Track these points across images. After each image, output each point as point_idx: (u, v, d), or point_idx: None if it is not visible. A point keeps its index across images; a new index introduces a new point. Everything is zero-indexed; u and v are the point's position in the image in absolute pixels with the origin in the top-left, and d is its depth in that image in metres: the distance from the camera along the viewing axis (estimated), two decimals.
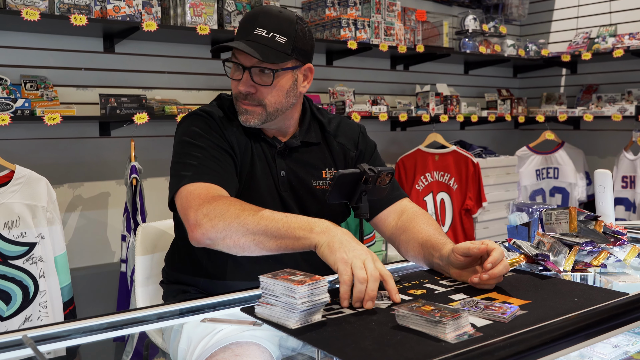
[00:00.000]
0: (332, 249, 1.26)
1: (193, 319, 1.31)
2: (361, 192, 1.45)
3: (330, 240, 1.27)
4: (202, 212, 1.40)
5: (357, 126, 1.83)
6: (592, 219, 1.64)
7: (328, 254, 1.26)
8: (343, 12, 3.56)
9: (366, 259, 1.23)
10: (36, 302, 2.49)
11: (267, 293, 1.17)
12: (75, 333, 1.13)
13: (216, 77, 3.38)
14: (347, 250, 1.24)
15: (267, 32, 1.55)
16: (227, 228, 1.37)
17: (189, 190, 1.48)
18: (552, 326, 1.11)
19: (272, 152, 1.66)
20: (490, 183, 4.05)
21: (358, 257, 1.23)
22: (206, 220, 1.39)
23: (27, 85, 2.69)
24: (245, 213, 1.37)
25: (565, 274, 1.50)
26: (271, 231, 1.34)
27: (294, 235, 1.32)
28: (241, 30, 1.59)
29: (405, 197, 1.74)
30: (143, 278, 1.92)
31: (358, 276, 1.20)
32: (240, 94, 1.59)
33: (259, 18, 1.57)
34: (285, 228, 1.33)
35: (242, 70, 1.57)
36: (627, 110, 4.00)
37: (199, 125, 1.61)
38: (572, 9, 4.67)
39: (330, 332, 1.09)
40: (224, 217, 1.38)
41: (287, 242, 1.33)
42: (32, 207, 2.49)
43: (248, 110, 1.59)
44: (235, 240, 1.37)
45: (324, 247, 1.28)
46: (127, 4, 2.72)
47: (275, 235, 1.34)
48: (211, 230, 1.38)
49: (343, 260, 1.23)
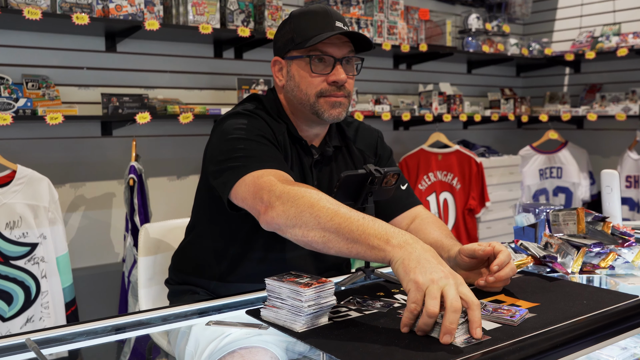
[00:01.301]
0: (407, 268, 1.08)
1: (199, 321, 1.29)
2: (367, 193, 1.43)
3: (406, 257, 1.10)
4: (275, 194, 1.30)
5: (375, 131, 1.83)
6: (600, 220, 1.63)
7: (402, 274, 1.09)
8: (346, 11, 3.54)
9: (446, 284, 1.04)
10: (38, 303, 2.48)
11: (273, 296, 1.15)
12: (79, 336, 1.12)
13: (219, 76, 3.36)
14: (425, 271, 1.06)
15: (344, 25, 1.57)
16: (298, 216, 1.25)
17: (257, 175, 1.37)
18: (561, 329, 1.10)
19: (309, 162, 1.64)
20: (494, 183, 4.03)
21: (436, 282, 1.04)
22: (279, 203, 1.28)
23: (29, 84, 2.68)
24: (321, 204, 1.24)
25: (573, 276, 1.48)
26: (344, 232, 1.20)
27: (367, 242, 1.17)
28: (322, 24, 1.55)
29: (419, 204, 1.74)
30: (146, 279, 1.90)
31: (428, 309, 1.02)
32: (334, 85, 1.56)
33: (331, 13, 1.58)
34: (359, 232, 1.18)
35: (333, 62, 1.56)
36: (631, 110, 3.99)
37: (246, 122, 1.54)
38: (576, 8, 4.65)
39: (336, 336, 1.07)
40: (298, 204, 1.26)
41: (358, 248, 1.19)
42: (33, 207, 2.48)
43: (341, 102, 1.58)
44: (305, 233, 1.25)
45: (398, 264, 1.11)
46: (129, 3, 2.71)
47: (348, 237, 1.19)
48: (282, 215, 1.27)
49: (416, 285, 1.05)
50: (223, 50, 3.33)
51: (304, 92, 1.58)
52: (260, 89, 3.22)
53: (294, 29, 1.58)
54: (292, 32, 1.59)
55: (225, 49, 3.33)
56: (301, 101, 1.59)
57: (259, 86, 3.28)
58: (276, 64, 1.65)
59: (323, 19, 1.56)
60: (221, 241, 1.64)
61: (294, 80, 1.60)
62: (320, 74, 1.56)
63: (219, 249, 1.64)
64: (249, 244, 1.61)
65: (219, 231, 1.64)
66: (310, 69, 1.56)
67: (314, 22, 1.56)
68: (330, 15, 1.57)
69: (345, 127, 1.77)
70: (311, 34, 1.54)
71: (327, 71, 1.56)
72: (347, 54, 1.57)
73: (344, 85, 1.57)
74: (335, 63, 1.56)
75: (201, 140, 3.24)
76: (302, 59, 1.57)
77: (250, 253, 1.61)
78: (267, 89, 3.27)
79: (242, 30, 3.00)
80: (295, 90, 1.60)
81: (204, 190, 1.68)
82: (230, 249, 1.62)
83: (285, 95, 1.65)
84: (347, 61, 1.58)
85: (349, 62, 1.59)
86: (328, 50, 1.55)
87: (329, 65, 1.56)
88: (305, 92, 1.58)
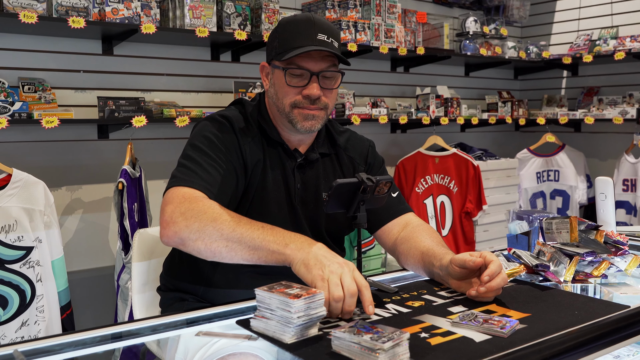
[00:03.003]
0: (308, 266, 1.25)
1: (189, 331, 1.29)
2: (359, 202, 1.43)
3: (304, 258, 1.26)
4: (179, 210, 1.39)
5: (367, 141, 1.85)
6: (593, 229, 1.63)
7: (305, 273, 1.25)
8: (343, 14, 3.54)
9: (342, 272, 1.22)
10: (33, 307, 2.47)
11: (263, 306, 1.15)
12: (67, 347, 1.11)
13: (215, 79, 3.36)
14: (323, 266, 1.23)
15: (327, 38, 1.57)
16: (201, 230, 1.35)
17: (175, 191, 1.47)
18: (551, 341, 1.10)
19: (292, 165, 1.66)
20: (491, 186, 4.03)
21: (335, 272, 1.22)
22: (182, 219, 1.37)
23: (25, 87, 2.67)
24: (223, 218, 1.36)
25: (565, 285, 1.48)
26: (246, 240, 1.33)
27: (268, 248, 1.31)
28: (303, 36, 1.56)
29: (410, 211, 1.75)
30: (140, 285, 1.90)
31: (334, 295, 1.19)
32: (308, 99, 1.58)
33: (316, 24, 1.58)
34: (260, 239, 1.32)
35: (309, 76, 1.57)
36: (628, 113, 3.98)
37: (213, 131, 1.60)
38: (574, 11, 4.65)
39: (326, 347, 1.07)
40: (200, 218, 1.36)
41: (260, 253, 1.32)
42: (29, 211, 2.48)
43: (315, 115, 1.60)
44: (208, 244, 1.35)
45: (299, 265, 1.27)
46: (126, 7, 2.70)
47: (249, 245, 1.32)
48: (184, 229, 1.36)
49: (320, 278, 1.22)
50: (220, 53, 3.33)
51: (280, 101, 1.62)
52: (257, 92, 3.22)
53: (278, 37, 1.61)
54: (276, 40, 1.61)
55: (223, 51, 3.33)
56: (279, 108, 1.63)
57: (256, 89, 3.28)
58: (264, 69, 1.69)
59: (305, 31, 1.57)
60: None
61: (274, 88, 1.64)
62: (295, 86, 1.58)
63: None
64: None
65: None
66: (285, 81, 1.58)
67: (295, 33, 1.58)
68: (312, 27, 1.57)
69: (337, 136, 1.78)
70: (290, 46, 1.56)
71: (303, 84, 1.58)
72: (325, 68, 1.57)
73: (319, 98, 1.58)
74: (312, 77, 1.57)
75: None
76: (280, 70, 1.59)
77: None
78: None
79: (239, 33, 3.00)
80: (274, 97, 1.64)
81: None
82: None
83: (268, 100, 1.69)
84: (325, 75, 1.58)
85: (328, 76, 1.59)
86: (304, 65, 1.56)
87: (305, 79, 1.58)
88: (282, 101, 1.61)
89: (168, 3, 2.96)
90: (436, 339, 1.11)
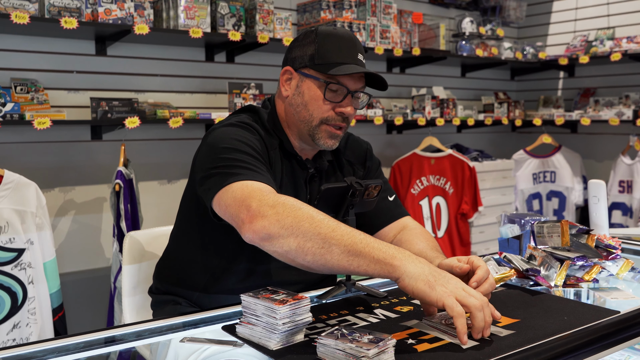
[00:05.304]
0: (430, 284, 1.12)
1: (175, 336, 1.28)
2: (348, 206, 1.42)
3: (419, 273, 1.14)
4: (267, 203, 1.24)
5: (364, 143, 1.83)
6: (585, 233, 1.62)
7: (427, 291, 1.12)
8: (338, 14, 3.53)
9: (464, 286, 1.14)
10: (25, 309, 2.46)
11: (249, 312, 1.14)
12: (50, 353, 1.10)
13: (210, 80, 3.35)
14: (444, 282, 1.14)
15: (363, 58, 1.58)
16: (296, 226, 1.20)
17: (245, 184, 1.32)
18: (540, 348, 1.09)
19: (304, 176, 1.64)
20: (487, 187, 4.02)
21: (458, 287, 1.13)
22: (272, 213, 1.22)
23: (18, 88, 2.66)
24: (320, 216, 1.22)
25: (556, 289, 1.47)
26: (346, 243, 1.17)
27: (372, 255, 1.16)
28: (345, 53, 1.55)
29: (407, 215, 1.73)
30: (130, 287, 1.88)
31: (475, 305, 1.10)
32: (340, 115, 1.56)
33: (357, 43, 1.57)
34: (363, 244, 1.17)
35: (345, 93, 1.55)
36: (624, 114, 3.98)
37: (239, 133, 1.51)
38: (570, 12, 4.64)
39: (312, 354, 1.06)
40: (295, 214, 1.21)
41: (360, 261, 1.17)
42: (21, 213, 2.46)
43: (339, 135, 1.59)
44: (301, 243, 1.19)
45: (414, 280, 1.14)
46: (119, 7, 2.69)
47: (350, 249, 1.17)
48: (275, 223, 1.21)
49: (447, 295, 1.11)
50: (214, 53, 3.32)
51: (309, 113, 1.56)
52: (251, 93, 3.20)
53: (318, 48, 1.55)
54: (314, 50, 1.55)
55: (217, 52, 3.31)
56: (304, 119, 1.58)
57: (250, 90, 3.27)
58: (286, 74, 1.61)
59: (348, 49, 1.55)
60: (205, 252, 1.62)
61: (303, 98, 1.57)
62: (331, 101, 1.55)
63: (203, 260, 1.62)
64: (234, 256, 1.59)
65: (203, 242, 1.62)
66: (324, 95, 1.54)
67: (338, 48, 1.54)
68: (355, 46, 1.56)
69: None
70: (334, 60, 1.53)
71: (338, 100, 1.55)
72: (359, 88, 1.57)
73: (348, 117, 1.58)
74: (347, 95, 1.55)
75: (191, 144, 3.22)
76: (317, 81, 1.55)
77: (234, 265, 1.59)
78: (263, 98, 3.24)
79: (233, 34, 2.99)
80: (301, 107, 1.58)
81: (189, 199, 1.67)
82: (214, 260, 1.60)
83: (287, 108, 1.62)
84: (357, 95, 1.58)
85: (359, 96, 1.59)
86: (345, 82, 1.54)
87: (340, 95, 1.55)
88: (311, 114, 1.56)
89: (162, 3, 2.95)
90: (423, 345, 1.10)
